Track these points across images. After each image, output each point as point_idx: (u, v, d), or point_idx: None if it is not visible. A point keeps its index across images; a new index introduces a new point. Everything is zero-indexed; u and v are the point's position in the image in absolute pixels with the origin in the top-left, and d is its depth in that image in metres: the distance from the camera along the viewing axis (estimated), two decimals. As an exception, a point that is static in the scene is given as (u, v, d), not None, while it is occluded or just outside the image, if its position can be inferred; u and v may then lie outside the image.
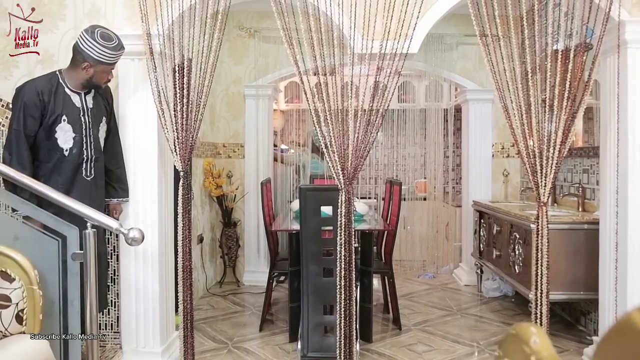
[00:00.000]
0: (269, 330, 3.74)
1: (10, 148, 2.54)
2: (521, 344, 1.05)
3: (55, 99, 2.58)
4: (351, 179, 2.74)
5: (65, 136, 2.60)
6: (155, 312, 2.97)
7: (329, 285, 3.07)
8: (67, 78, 2.66)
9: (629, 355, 0.59)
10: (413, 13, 2.73)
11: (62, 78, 2.66)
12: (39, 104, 2.53)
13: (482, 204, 4.54)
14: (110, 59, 2.59)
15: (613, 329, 0.65)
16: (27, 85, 2.62)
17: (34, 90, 2.55)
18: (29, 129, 2.53)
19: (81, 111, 2.66)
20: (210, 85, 2.90)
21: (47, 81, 2.62)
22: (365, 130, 2.74)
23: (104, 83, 2.70)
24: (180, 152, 2.86)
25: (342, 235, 2.74)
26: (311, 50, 2.75)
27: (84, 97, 2.71)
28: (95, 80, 2.65)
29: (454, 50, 5.06)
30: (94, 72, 2.60)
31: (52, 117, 2.57)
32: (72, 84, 2.66)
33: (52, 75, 2.67)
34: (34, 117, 2.54)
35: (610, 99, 2.83)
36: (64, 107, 2.60)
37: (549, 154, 2.67)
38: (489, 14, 2.72)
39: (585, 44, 2.74)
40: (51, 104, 2.57)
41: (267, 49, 5.05)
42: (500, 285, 4.61)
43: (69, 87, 2.65)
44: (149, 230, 2.92)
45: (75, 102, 2.65)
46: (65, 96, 2.63)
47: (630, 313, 0.59)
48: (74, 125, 2.62)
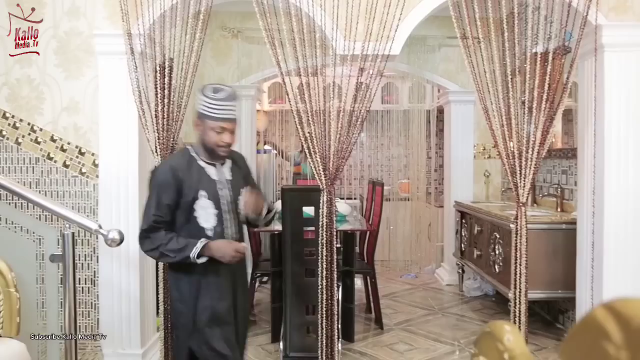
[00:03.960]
0: (251, 331, 3.71)
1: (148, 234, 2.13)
2: (495, 341, 1.07)
3: (190, 173, 2.19)
4: (333, 180, 2.75)
5: (207, 214, 2.19)
6: (135, 314, 2.95)
7: (311, 285, 3.07)
8: (197, 148, 2.26)
9: (593, 351, 0.61)
10: (395, 15, 2.75)
11: (194, 150, 2.27)
12: (173, 181, 2.14)
13: (464, 205, 4.58)
14: (214, 111, 2.10)
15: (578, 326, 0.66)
16: (161, 165, 2.34)
17: (168, 168, 2.20)
18: (165, 212, 2.14)
19: (218, 184, 2.22)
20: (192, 85, 2.89)
21: (180, 157, 2.27)
22: (347, 131, 2.75)
23: (219, 147, 2.15)
24: (162, 152, 2.84)
25: (323, 236, 2.75)
26: (293, 51, 2.76)
27: (221, 169, 2.26)
28: (207, 141, 2.16)
29: (437, 52, 5.09)
30: (202, 131, 2.16)
31: (190, 194, 2.16)
32: (201, 153, 2.24)
33: (184, 150, 2.30)
34: (171, 197, 2.14)
35: (587, 101, 2.88)
36: (200, 182, 2.19)
37: (528, 155, 2.71)
38: (469, 16, 2.75)
39: (564, 47, 2.79)
40: (187, 181, 2.17)
41: (250, 50, 5.03)
42: (481, 285, 4.66)
43: (202, 159, 2.23)
44: (130, 231, 2.89)
45: (210, 174, 2.22)
46: (200, 170, 2.22)
47: (594, 310, 0.60)
48: (214, 201, 2.20)
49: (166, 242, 2.10)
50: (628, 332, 0.54)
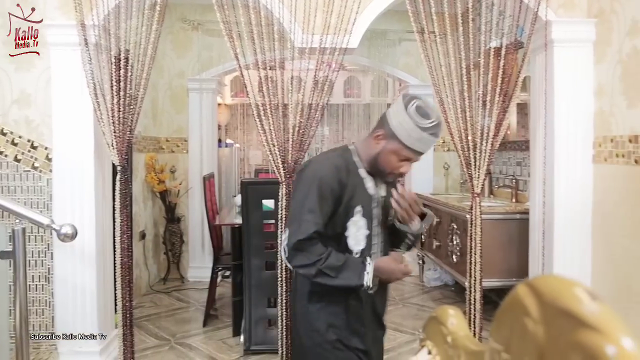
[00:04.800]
0: (213, 326, 3.72)
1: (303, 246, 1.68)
2: (440, 325, 1.11)
3: (350, 181, 1.78)
4: (291, 172, 2.76)
5: (358, 234, 1.78)
6: (92, 311, 2.90)
7: (271, 278, 3.07)
8: (360, 151, 1.83)
9: (515, 327, 0.64)
10: (352, 8, 2.77)
11: (356, 154, 1.84)
12: (337, 186, 1.73)
13: (423, 196, 4.66)
14: (415, 143, 1.67)
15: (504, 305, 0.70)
16: (321, 161, 1.83)
17: (332, 166, 1.76)
18: (324, 221, 1.72)
19: (374, 201, 1.81)
20: (148, 78, 2.84)
21: (340, 157, 1.83)
22: (306, 124, 2.76)
23: (389, 173, 1.76)
24: (118, 146, 2.80)
25: (282, 228, 2.76)
26: (252, 44, 2.75)
27: (378, 183, 1.84)
28: (382, 161, 1.75)
29: (397, 46, 5.15)
30: (383, 148, 1.73)
31: (346, 207, 1.76)
32: (364, 160, 1.82)
33: (344, 150, 1.87)
34: (330, 205, 1.73)
35: (538, 95, 2.97)
36: (357, 194, 1.78)
37: (482, 147, 2.78)
38: (426, 11, 2.80)
39: (517, 42, 2.87)
40: (347, 190, 1.76)
41: (211, 42, 4.99)
42: (441, 275, 4.75)
43: (362, 167, 1.82)
44: (86, 227, 2.85)
45: (368, 187, 1.81)
46: (359, 180, 1.80)
47: (517, 288, 0.63)
48: (367, 220, 1.80)
49: (325, 256, 1.66)
50: (543, 307, 0.57)
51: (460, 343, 0.99)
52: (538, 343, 0.58)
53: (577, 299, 0.52)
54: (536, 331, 0.58)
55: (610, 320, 0.49)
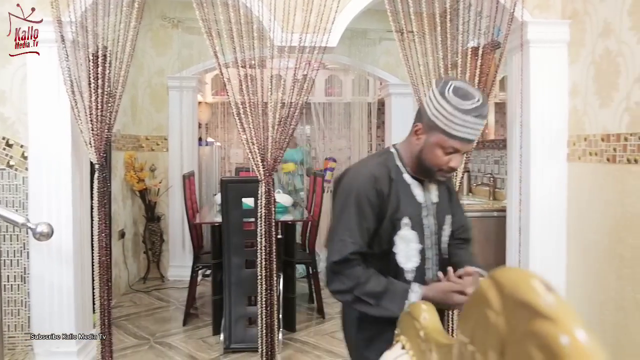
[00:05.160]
0: (193, 324, 3.71)
1: (340, 269, 1.50)
2: (413, 320, 1.13)
3: (393, 190, 1.57)
4: (271, 171, 2.76)
5: (408, 249, 1.56)
6: (70, 311, 2.86)
7: (251, 276, 3.07)
8: (402, 152, 1.62)
9: (480, 320, 0.65)
10: (332, 7, 2.78)
11: (398, 157, 1.62)
12: (376, 199, 1.54)
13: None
14: (455, 127, 1.45)
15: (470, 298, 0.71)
16: (357, 171, 1.62)
17: (369, 177, 1.55)
18: (365, 239, 1.54)
19: (424, 209, 1.61)
20: (126, 75, 2.82)
21: (380, 163, 1.61)
22: (285, 123, 2.77)
23: (438, 171, 1.54)
24: (96, 144, 2.77)
25: (262, 226, 2.77)
26: (231, 42, 2.75)
27: (428, 188, 1.64)
28: (425, 157, 1.53)
29: (377, 45, 5.18)
30: (425, 142, 1.52)
31: (390, 220, 1.55)
32: (407, 163, 1.61)
33: (385, 154, 1.65)
34: (372, 220, 1.54)
35: (515, 94, 3.02)
36: (404, 204, 1.57)
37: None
38: (404, 11, 2.82)
39: (494, 42, 2.91)
40: (390, 200, 1.56)
41: (191, 40, 4.95)
42: (421, 273, 4.79)
43: (407, 171, 1.61)
44: (63, 225, 2.82)
45: (416, 195, 1.61)
46: (404, 187, 1.60)
47: (481, 281, 0.65)
48: (418, 232, 1.58)
49: (364, 281, 1.49)
50: (504, 299, 0.59)
51: (431, 337, 1.01)
52: (499, 333, 0.60)
53: (534, 290, 0.53)
54: (497, 322, 0.60)
55: (564, 311, 0.50)
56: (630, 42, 2.42)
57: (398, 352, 1.18)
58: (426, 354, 1.03)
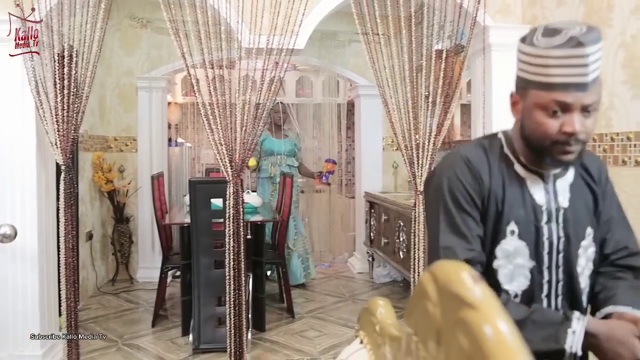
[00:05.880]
0: (162, 326, 3.69)
1: None
2: (371, 316, 1.17)
3: (495, 182, 1.22)
4: (239, 171, 2.78)
5: (513, 265, 1.22)
6: (34, 313, 2.83)
7: (220, 277, 3.08)
8: (513, 141, 1.27)
9: (420, 311, 0.70)
10: (299, 10, 2.81)
11: (507, 143, 1.28)
12: (477, 187, 1.21)
13: (372, 195, 4.77)
14: (546, 73, 1.11)
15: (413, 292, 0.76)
16: (448, 159, 1.29)
17: (464, 162, 1.23)
18: (478, 241, 1.22)
19: (544, 214, 1.23)
20: (93, 76, 2.80)
21: (478, 146, 1.29)
22: (253, 124, 2.79)
23: (553, 143, 1.14)
24: (62, 145, 2.75)
25: (230, 227, 2.78)
26: (199, 44, 2.76)
27: (552, 185, 1.25)
28: (530, 130, 1.18)
29: (347, 47, 5.24)
30: (524, 109, 1.20)
31: (495, 222, 1.22)
32: (520, 150, 1.25)
33: (489, 137, 1.33)
34: (477, 212, 1.21)
35: (478, 97, 3.11)
36: (513, 204, 1.22)
37: (426, 146, 2.88)
38: (370, 13, 2.88)
39: (458, 46, 2.99)
40: (494, 195, 1.22)
41: (160, 41, 4.92)
42: (390, 272, 4.87)
43: (520, 162, 1.25)
44: (28, 227, 2.79)
45: (533, 193, 1.23)
46: (515, 181, 1.24)
47: (422, 275, 0.70)
48: (530, 244, 1.21)
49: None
50: (439, 291, 0.64)
51: (386, 331, 1.06)
52: (436, 323, 0.64)
53: (462, 282, 0.58)
54: (434, 313, 0.65)
55: (488, 301, 0.55)
56: (585, 47, 2.52)
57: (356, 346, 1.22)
58: (381, 348, 1.07)
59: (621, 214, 1.33)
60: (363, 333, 1.23)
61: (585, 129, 1.12)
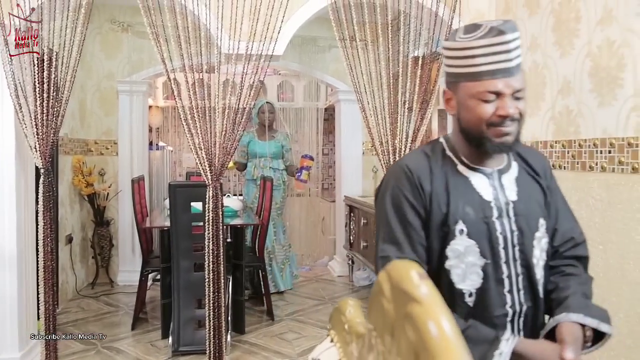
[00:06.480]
0: (141, 329, 3.70)
1: None
2: (341, 315, 1.22)
3: (438, 186, 1.26)
4: (219, 175, 2.82)
5: (465, 264, 1.24)
6: (12, 316, 2.83)
7: (200, 279, 3.11)
8: (453, 142, 1.32)
9: (378, 308, 0.75)
10: (278, 17, 2.86)
11: (447, 145, 1.33)
12: (413, 199, 1.25)
13: (352, 199, 4.83)
14: (472, 63, 1.18)
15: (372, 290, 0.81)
16: (391, 169, 1.36)
17: (402, 171, 1.28)
18: (421, 250, 1.27)
19: (494, 210, 1.26)
20: (73, 80, 2.82)
21: (419, 153, 1.34)
22: (232, 128, 2.83)
23: (491, 128, 1.21)
24: (41, 148, 2.76)
25: (210, 230, 2.82)
26: (179, 49, 2.79)
27: (498, 180, 1.29)
28: (466, 122, 1.24)
29: (327, 53, 5.31)
30: (458, 102, 1.24)
31: (441, 225, 1.25)
32: (461, 150, 1.30)
33: (430, 144, 1.37)
34: (419, 219, 1.26)
35: (453, 103, 3.18)
36: (456, 203, 1.24)
37: (402, 152, 2.95)
38: (347, 20, 2.94)
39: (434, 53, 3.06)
40: (436, 199, 1.25)
41: (141, 45, 4.93)
42: (370, 275, 4.93)
43: (462, 161, 1.30)
44: (6, 230, 2.80)
45: (478, 189, 1.27)
46: (459, 181, 1.27)
47: (379, 274, 0.75)
48: (480, 241, 1.24)
49: None
50: (392, 288, 0.69)
51: (354, 329, 1.11)
52: (390, 318, 0.70)
53: (410, 279, 0.63)
54: (389, 309, 0.70)
55: (432, 297, 0.61)
56: (554, 55, 2.61)
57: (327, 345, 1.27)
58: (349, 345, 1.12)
59: (566, 206, 1.40)
60: (334, 332, 1.28)
61: (516, 111, 1.20)
